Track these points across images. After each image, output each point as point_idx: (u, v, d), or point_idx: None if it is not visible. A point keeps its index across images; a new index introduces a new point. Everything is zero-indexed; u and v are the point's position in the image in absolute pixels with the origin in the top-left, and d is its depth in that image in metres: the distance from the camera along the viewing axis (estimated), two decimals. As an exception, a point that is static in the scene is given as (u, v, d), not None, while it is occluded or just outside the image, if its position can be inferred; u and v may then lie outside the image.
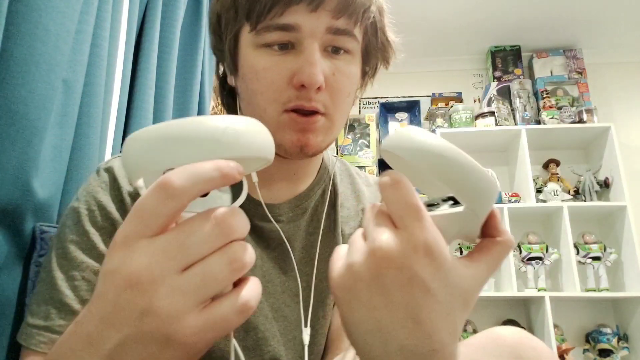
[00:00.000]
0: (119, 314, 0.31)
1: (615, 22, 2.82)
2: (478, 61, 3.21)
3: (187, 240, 0.31)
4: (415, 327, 0.33)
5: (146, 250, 0.31)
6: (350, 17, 0.55)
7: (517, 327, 0.61)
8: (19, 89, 0.57)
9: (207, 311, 0.31)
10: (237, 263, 0.31)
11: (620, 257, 2.59)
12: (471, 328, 2.62)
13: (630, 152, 2.88)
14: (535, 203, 2.58)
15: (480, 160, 1.72)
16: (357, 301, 0.34)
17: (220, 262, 0.31)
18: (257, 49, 0.57)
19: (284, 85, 0.56)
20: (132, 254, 0.31)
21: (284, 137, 0.58)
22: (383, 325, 0.34)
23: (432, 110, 3.02)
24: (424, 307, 0.33)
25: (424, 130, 0.36)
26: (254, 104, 0.59)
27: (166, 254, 0.30)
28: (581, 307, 2.67)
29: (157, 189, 0.31)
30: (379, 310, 0.34)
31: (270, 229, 0.67)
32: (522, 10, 2.73)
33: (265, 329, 0.65)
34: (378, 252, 0.33)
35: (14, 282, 0.60)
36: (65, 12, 0.64)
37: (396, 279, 0.33)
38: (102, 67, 0.89)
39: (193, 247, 0.31)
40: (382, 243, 0.33)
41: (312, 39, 0.55)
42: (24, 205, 0.58)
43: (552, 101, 2.83)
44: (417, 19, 2.81)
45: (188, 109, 1.43)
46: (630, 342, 2.51)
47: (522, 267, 2.63)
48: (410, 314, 0.33)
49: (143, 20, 1.33)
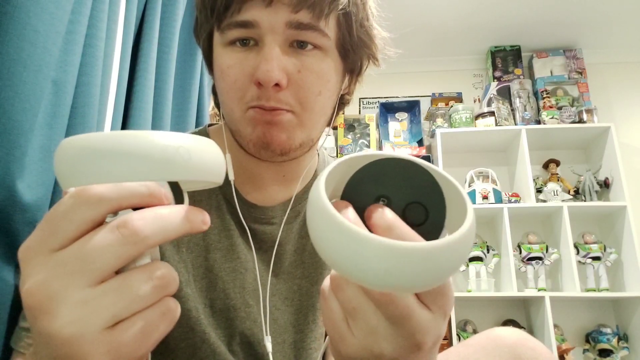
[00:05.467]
0: (36, 340, 0.28)
1: (615, 22, 2.81)
2: (478, 61, 3.21)
3: (92, 253, 0.27)
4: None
5: (45, 265, 0.27)
6: (313, 10, 0.52)
7: (516, 328, 0.62)
8: (6, 90, 0.57)
9: (121, 327, 0.27)
10: (162, 280, 0.28)
11: (620, 257, 2.58)
12: (471, 328, 2.61)
13: (630, 152, 2.87)
14: (535, 203, 2.58)
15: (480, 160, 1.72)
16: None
17: (141, 277, 0.28)
18: (224, 47, 0.56)
19: (247, 83, 0.55)
20: (30, 269, 0.27)
21: (250, 133, 0.57)
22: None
23: (432, 110, 3.02)
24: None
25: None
26: (224, 102, 0.59)
27: (67, 267, 0.27)
28: (581, 307, 2.67)
29: (72, 194, 0.27)
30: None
31: (262, 232, 0.66)
32: (522, 10, 2.73)
33: (252, 334, 0.64)
34: (381, 351, 0.34)
35: (7, 287, 0.60)
36: (54, 13, 0.64)
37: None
38: (97, 67, 0.89)
39: (99, 260, 0.27)
40: (385, 347, 0.34)
41: (272, 35, 0.53)
42: (9, 207, 0.58)
43: (552, 101, 2.83)
44: (417, 19, 2.80)
45: (187, 109, 1.43)
46: (630, 342, 2.51)
47: (522, 267, 2.63)
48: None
49: (142, 20, 1.33)
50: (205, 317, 0.62)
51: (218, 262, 0.64)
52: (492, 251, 2.70)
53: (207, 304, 0.63)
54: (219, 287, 0.63)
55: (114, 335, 0.27)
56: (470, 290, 2.56)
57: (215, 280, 0.63)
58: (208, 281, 0.63)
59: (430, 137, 2.97)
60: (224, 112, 0.62)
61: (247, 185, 0.67)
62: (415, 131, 3.09)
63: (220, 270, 0.63)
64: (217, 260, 0.64)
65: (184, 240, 0.63)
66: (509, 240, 2.53)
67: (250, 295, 0.64)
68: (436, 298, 0.34)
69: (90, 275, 0.27)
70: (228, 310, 0.63)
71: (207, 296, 0.63)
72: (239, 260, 0.65)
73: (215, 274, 0.63)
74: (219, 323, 0.63)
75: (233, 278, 0.64)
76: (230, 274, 0.64)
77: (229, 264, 0.64)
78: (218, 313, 0.63)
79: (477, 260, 2.64)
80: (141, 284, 0.27)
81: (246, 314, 0.64)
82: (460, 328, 2.59)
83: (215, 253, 0.64)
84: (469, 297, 2.52)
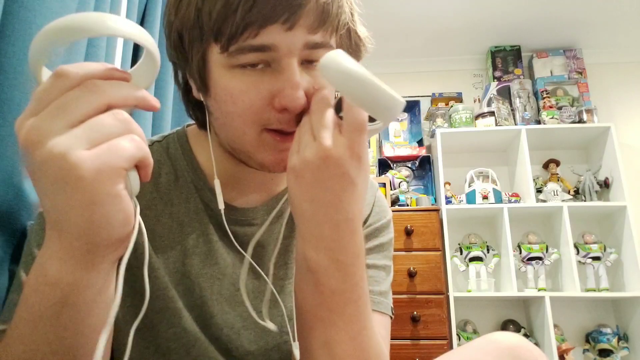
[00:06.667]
0: (34, 176, 0.37)
1: (615, 22, 2.82)
2: (478, 61, 3.21)
3: (67, 102, 0.36)
4: (339, 204, 0.47)
5: (35, 118, 0.36)
6: (327, 29, 0.52)
7: (514, 333, 0.64)
8: (12, 89, 0.57)
9: (98, 147, 0.36)
10: (124, 117, 0.38)
11: (620, 257, 2.59)
12: (471, 328, 2.62)
13: (630, 152, 2.88)
14: (535, 203, 2.58)
15: (480, 160, 1.74)
16: (303, 181, 0.47)
17: (108, 116, 0.37)
18: (230, 69, 0.52)
19: (263, 107, 0.52)
20: (24, 126, 0.36)
21: (265, 157, 0.56)
22: (316, 199, 0.47)
23: (432, 110, 3.02)
24: (348, 193, 0.47)
25: (345, 58, 0.46)
26: (231, 125, 0.55)
27: (52, 115, 0.36)
28: (581, 307, 2.67)
29: (50, 76, 0.37)
30: (316, 189, 0.47)
31: (243, 233, 0.65)
32: (522, 10, 2.73)
33: (229, 340, 0.63)
34: (325, 151, 0.46)
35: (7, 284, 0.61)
36: (59, 12, 0.64)
37: (333, 172, 0.46)
38: (99, 67, 0.89)
39: (73, 106, 0.36)
40: (329, 147, 0.46)
41: (290, 58, 0.51)
42: (16, 207, 0.58)
43: (552, 101, 2.83)
44: (417, 19, 2.81)
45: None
46: (630, 342, 2.51)
47: (522, 267, 2.63)
48: (338, 196, 0.47)
49: (142, 20, 1.33)
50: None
51: (195, 268, 0.63)
52: (492, 251, 2.70)
53: (185, 309, 0.62)
54: (196, 293, 0.62)
55: (92, 152, 0.35)
56: (470, 290, 2.57)
57: (193, 287, 0.62)
58: (185, 287, 0.62)
59: (430, 137, 2.97)
60: (225, 132, 0.58)
61: (229, 188, 0.65)
62: (415, 131, 3.09)
63: (197, 276, 0.63)
64: (194, 265, 0.63)
65: (161, 244, 0.62)
66: (509, 240, 2.53)
67: (227, 302, 0.64)
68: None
69: (69, 117, 0.36)
70: (205, 316, 0.63)
71: (184, 302, 0.62)
72: (217, 266, 0.64)
73: (192, 280, 0.62)
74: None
75: (210, 285, 0.63)
76: (208, 281, 0.63)
77: (207, 270, 0.63)
78: (195, 318, 0.63)
79: (477, 260, 2.64)
80: (108, 119, 0.37)
81: (223, 321, 0.63)
82: (460, 328, 2.59)
83: (193, 258, 0.63)
84: (469, 297, 2.53)
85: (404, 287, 2.37)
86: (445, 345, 2.30)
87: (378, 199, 0.75)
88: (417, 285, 2.38)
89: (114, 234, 0.38)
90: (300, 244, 0.51)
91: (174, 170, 0.65)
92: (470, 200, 2.67)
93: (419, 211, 2.54)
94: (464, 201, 2.71)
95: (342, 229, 0.48)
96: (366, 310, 0.53)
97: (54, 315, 0.40)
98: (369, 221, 0.72)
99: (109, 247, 0.39)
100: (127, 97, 0.39)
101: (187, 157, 0.66)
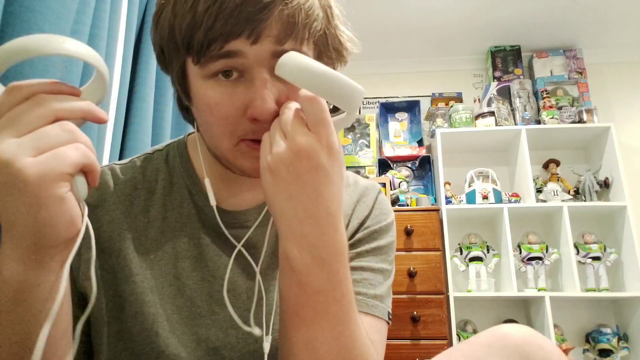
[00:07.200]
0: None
1: (615, 22, 2.82)
2: (478, 61, 3.21)
3: (16, 114, 0.40)
4: (318, 198, 0.48)
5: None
6: (296, 39, 0.53)
7: (522, 325, 0.60)
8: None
9: (43, 154, 0.39)
10: (69, 127, 0.41)
11: (620, 257, 2.59)
12: (471, 328, 2.62)
13: (630, 152, 2.88)
14: (535, 203, 2.58)
15: (480, 160, 1.75)
16: (279, 179, 0.48)
17: (54, 127, 0.40)
18: (205, 80, 0.54)
19: (238, 118, 0.54)
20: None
21: (244, 163, 0.57)
22: (295, 195, 0.48)
23: (432, 110, 3.02)
24: (324, 186, 0.48)
25: (301, 55, 0.49)
26: (211, 133, 0.58)
27: (1, 126, 0.39)
28: (581, 307, 2.67)
29: (4, 91, 0.41)
30: (294, 185, 0.48)
31: (236, 236, 0.65)
32: (522, 10, 2.74)
33: (217, 339, 0.63)
34: (297, 145, 0.47)
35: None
36: (60, 12, 0.64)
37: (307, 165, 0.47)
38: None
39: (21, 118, 0.39)
40: (300, 140, 0.47)
41: (259, 67, 0.52)
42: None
43: (552, 101, 2.83)
44: (417, 19, 2.81)
45: (187, 109, 1.43)
46: (630, 342, 2.51)
47: (522, 267, 2.63)
48: (315, 189, 0.48)
49: (142, 20, 1.34)
50: (172, 323, 0.63)
51: (186, 271, 0.64)
52: (492, 251, 2.70)
53: (174, 311, 0.63)
54: (186, 295, 0.64)
55: (37, 158, 0.39)
56: (470, 290, 2.57)
57: (183, 288, 0.64)
58: (175, 289, 0.64)
59: (430, 137, 2.97)
60: (208, 139, 0.61)
61: (221, 191, 0.66)
62: (415, 131, 3.09)
63: (187, 278, 0.64)
64: (185, 268, 0.64)
65: (152, 247, 0.64)
66: (509, 240, 2.54)
67: (216, 303, 0.64)
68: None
69: (17, 128, 0.39)
70: (194, 317, 0.63)
71: (174, 303, 0.63)
72: (207, 268, 0.65)
73: (182, 282, 0.64)
74: (184, 330, 0.63)
75: (200, 286, 0.64)
76: (198, 283, 0.64)
77: (197, 273, 0.65)
78: (185, 320, 0.63)
79: (477, 260, 2.64)
80: (53, 130, 0.40)
81: (212, 321, 0.64)
82: (460, 328, 2.59)
83: (184, 262, 0.65)
84: (469, 297, 2.53)
85: (404, 287, 2.37)
86: (445, 345, 2.30)
87: (379, 202, 0.74)
88: (417, 285, 2.38)
89: (60, 234, 0.41)
90: (282, 244, 0.51)
91: (170, 177, 0.68)
92: (470, 200, 2.67)
93: (419, 211, 2.54)
94: (464, 201, 2.71)
95: (323, 225, 0.49)
96: (350, 309, 0.53)
97: (10, 311, 0.44)
98: (367, 223, 0.71)
99: (56, 248, 0.42)
100: (72, 109, 0.42)
101: (184, 163, 0.69)
